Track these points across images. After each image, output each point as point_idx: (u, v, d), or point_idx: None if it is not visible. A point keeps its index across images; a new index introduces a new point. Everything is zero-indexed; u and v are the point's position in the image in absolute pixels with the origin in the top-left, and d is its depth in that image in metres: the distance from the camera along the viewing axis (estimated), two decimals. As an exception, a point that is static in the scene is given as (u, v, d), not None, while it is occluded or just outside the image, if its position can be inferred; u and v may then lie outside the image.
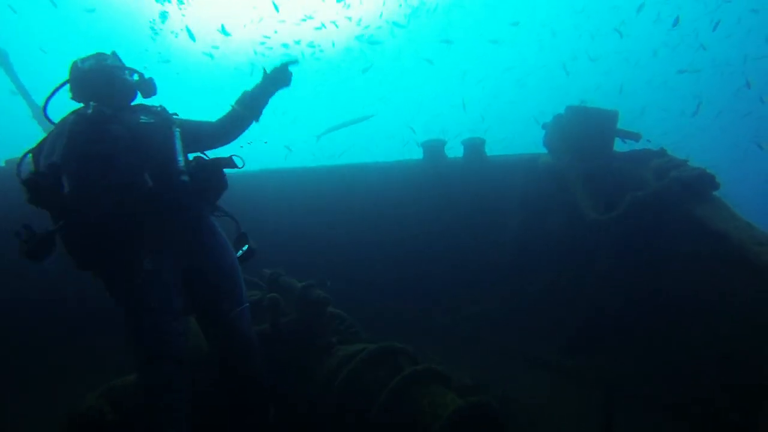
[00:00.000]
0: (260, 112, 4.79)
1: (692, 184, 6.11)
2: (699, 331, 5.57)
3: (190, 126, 4.44)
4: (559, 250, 7.72)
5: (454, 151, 9.26)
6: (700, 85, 34.64)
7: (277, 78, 4.78)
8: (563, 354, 6.56)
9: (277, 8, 28.50)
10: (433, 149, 8.99)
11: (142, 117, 4.15)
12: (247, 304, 4.55)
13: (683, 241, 6.06)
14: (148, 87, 4.50)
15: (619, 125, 8.18)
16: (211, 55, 34.53)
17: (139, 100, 4.52)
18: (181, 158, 3.95)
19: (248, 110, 4.72)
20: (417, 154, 9.36)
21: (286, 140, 32.53)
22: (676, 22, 21.68)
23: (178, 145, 4.03)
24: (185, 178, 3.86)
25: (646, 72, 36.71)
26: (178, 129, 4.15)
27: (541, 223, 8.17)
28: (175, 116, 4.41)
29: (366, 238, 8.57)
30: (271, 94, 4.82)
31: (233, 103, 4.78)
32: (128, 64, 4.55)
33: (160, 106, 4.41)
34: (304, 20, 33.09)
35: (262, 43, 33.87)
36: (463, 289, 8.21)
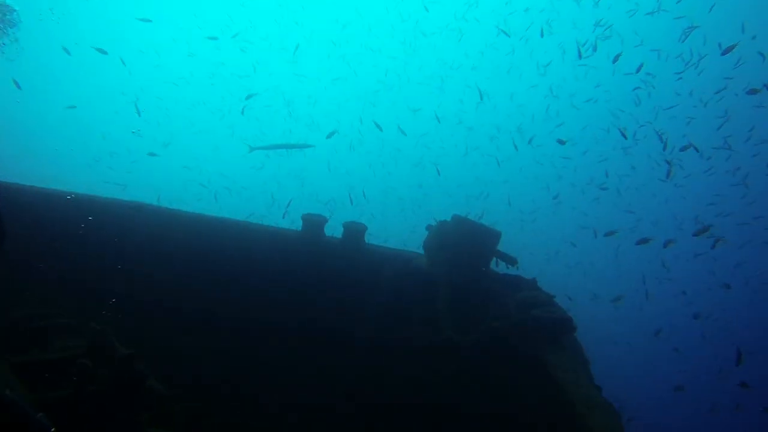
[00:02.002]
0: None
1: (548, 328, 6.17)
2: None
3: None
4: (416, 356, 7.54)
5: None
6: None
7: None
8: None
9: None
10: (314, 224, 8.69)
11: None
12: None
13: (525, 381, 6.05)
14: None
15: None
16: None
17: None
18: None
19: None
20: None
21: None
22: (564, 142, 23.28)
23: None
24: None
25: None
26: None
27: (404, 325, 7.99)
28: None
29: (227, 296, 8.04)
30: None
31: None
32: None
33: None
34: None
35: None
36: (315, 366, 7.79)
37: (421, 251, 8.98)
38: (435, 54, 40.89)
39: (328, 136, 20.30)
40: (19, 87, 17.64)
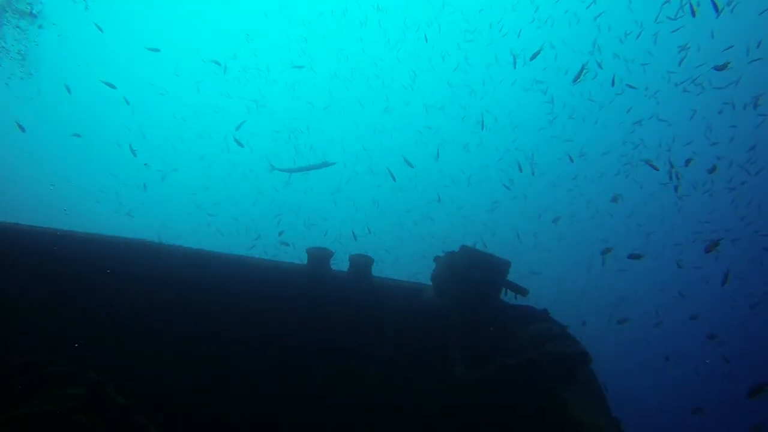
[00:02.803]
0: None
1: (563, 362, 5.96)
2: None
3: None
4: (426, 392, 7.33)
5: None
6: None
7: None
8: None
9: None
10: (319, 258, 8.52)
11: None
12: None
13: (541, 419, 5.84)
14: None
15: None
16: None
17: None
18: None
19: None
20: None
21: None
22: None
23: None
24: None
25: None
26: None
27: (414, 360, 7.79)
28: None
29: (232, 334, 7.84)
30: None
31: None
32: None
33: None
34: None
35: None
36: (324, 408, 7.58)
37: (429, 282, 8.82)
38: (440, 81, 41.25)
39: (322, 165, 20.41)
40: (23, 130, 17.77)
